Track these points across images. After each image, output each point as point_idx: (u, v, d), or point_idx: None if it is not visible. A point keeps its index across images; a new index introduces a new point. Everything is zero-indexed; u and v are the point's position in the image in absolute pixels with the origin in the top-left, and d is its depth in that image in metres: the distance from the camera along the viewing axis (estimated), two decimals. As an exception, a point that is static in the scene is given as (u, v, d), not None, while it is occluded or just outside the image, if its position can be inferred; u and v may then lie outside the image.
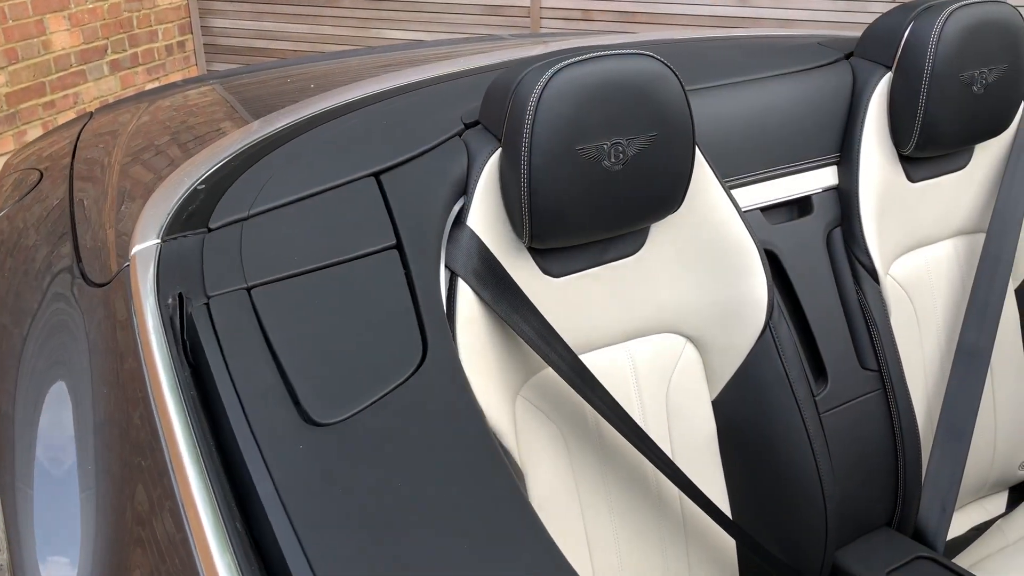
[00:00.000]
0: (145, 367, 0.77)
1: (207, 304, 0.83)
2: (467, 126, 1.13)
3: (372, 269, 0.87)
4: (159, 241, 0.96)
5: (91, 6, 4.51)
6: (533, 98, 0.99)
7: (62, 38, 4.37)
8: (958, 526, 1.53)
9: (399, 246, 0.92)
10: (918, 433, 1.34)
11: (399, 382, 0.72)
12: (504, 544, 0.59)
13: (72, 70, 4.48)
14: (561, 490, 1.13)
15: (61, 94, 4.44)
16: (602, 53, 1.02)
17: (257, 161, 1.11)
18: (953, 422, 1.39)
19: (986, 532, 1.54)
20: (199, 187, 1.07)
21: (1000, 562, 1.47)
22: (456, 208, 1.04)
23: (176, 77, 5.30)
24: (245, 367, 0.75)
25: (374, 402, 0.70)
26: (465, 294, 1.01)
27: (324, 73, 1.65)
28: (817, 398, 1.28)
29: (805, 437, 1.20)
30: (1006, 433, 1.53)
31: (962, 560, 1.48)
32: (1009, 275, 1.43)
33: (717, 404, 1.23)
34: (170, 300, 0.85)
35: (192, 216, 1.00)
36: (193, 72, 5.36)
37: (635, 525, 1.19)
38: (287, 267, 0.88)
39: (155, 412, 0.72)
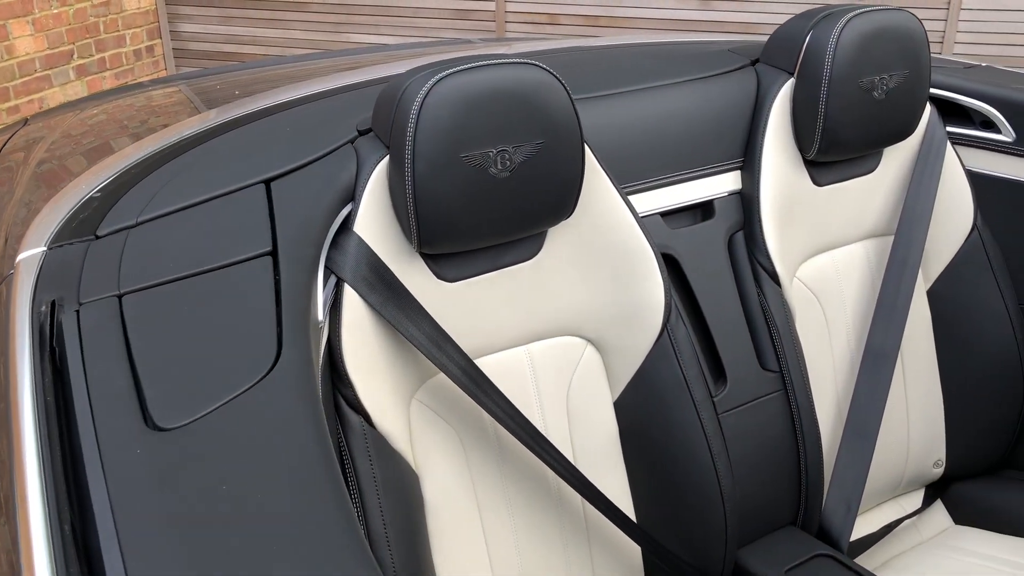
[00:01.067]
0: (8, 372, 0.79)
1: (77, 311, 0.85)
2: (360, 133, 1.15)
3: (242, 276, 0.89)
4: (45, 249, 0.98)
5: (56, 11, 4.52)
6: (415, 106, 1.01)
7: (26, 43, 4.38)
8: (873, 523, 1.55)
9: (274, 252, 0.94)
10: (819, 433, 1.37)
11: (245, 388, 0.74)
12: (318, 553, 0.60)
13: (37, 75, 4.48)
14: (458, 493, 1.15)
15: (26, 99, 4.44)
16: (487, 62, 1.04)
17: (156, 170, 1.13)
18: (859, 422, 1.42)
19: (900, 529, 1.57)
20: (95, 195, 1.09)
21: (913, 558, 1.50)
22: (343, 214, 1.06)
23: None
24: (101, 373, 0.76)
25: (217, 408, 0.72)
26: (351, 299, 1.03)
27: (281, 76, 1.66)
28: (716, 399, 1.30)
29: (703, 437, 1.22)
30: (919, 432, 1.55)
31: (873, 556, 1.51)
32: (915, 278, 1.45)
33: (618, 406, 1.25)
34: (43, 307, 0.87)
35: (82, 224, 1.02)
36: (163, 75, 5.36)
37: (536, 527, 1.21)
38: (161, 274, 0.90)
39: (10, 416, 0.74)
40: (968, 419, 1.57)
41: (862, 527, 1.53)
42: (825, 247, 1.46)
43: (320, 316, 0.95)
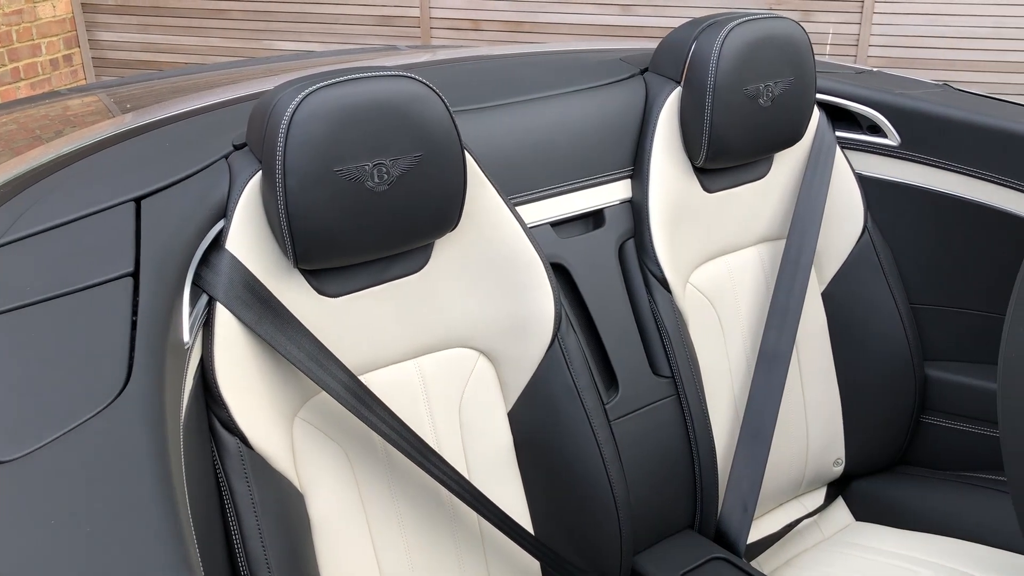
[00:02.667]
0: None
1: None
2: (236, 148, 1.13)
3: (99, 299, 0.87)
4: None
5: (-37, 20, 4.38)
6: (285, 119, 0.99)
7: (-69, 54, 4.24)
8: (775, 523, 1.57)
9: (136, 273, 0.91)
10: (712, 437, 1.38)
11: (87, 416, 0.72)
12: None
13: (-56, 86, 4.34)
14: (346, 511, 1.13)
15: (-67, 111, 4.29)
16: (360, 75, 1.03)
17: (28, 188, 1.09)
18: (755, 424, 1.44)
19: (802, 527, 1.59)
20: None
21: (814, 556, 1.52)
22: (214, 231, 1.04)
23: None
24: None
25: (57, 438, 0.70)
26: (224, 318, 1.01)
27: (201, 83, 1.63)
28: (608, 406, 1.31)
29: (595, 445, 1.22)
30: (818, 432, 1.58)
31: (775, 556, 1.53)
32: (807, 280, 1.48)
33: (512, 416, 1.25)
34: None
35: None
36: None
37: (430, 543, 1.20)
38: (17, 298, 0.87)
39: None
40: (865, 417, 1.60)
41: (764, 527, 1.55)
42: (718, 252, 1.48)
43: (186, 337, 0.93)
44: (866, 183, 1.58)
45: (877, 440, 1.62)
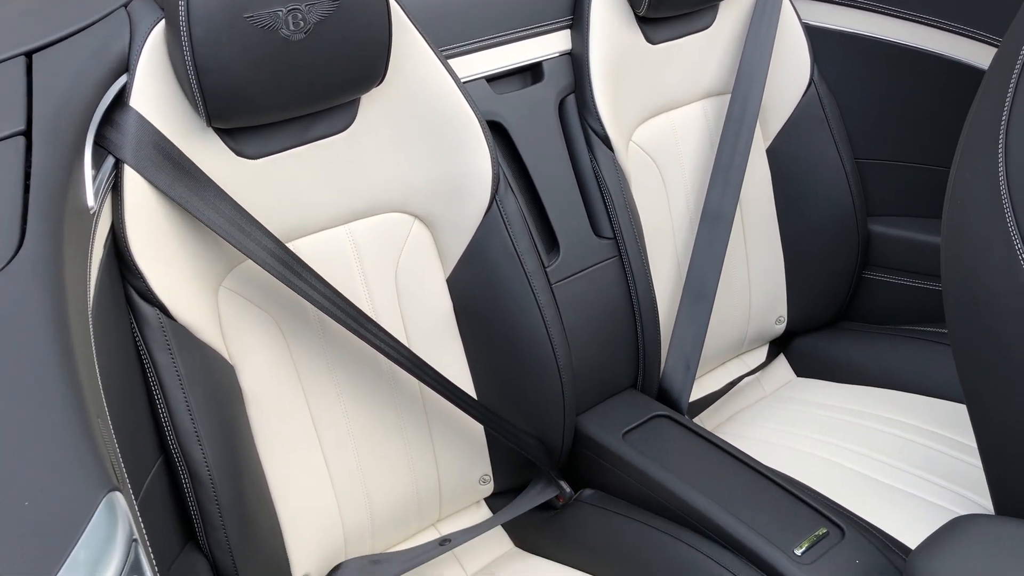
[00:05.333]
0: None
1: None
2: None
3: None
4: None
5: None
6: None
7: None
8: (717, 381, 1.58)
9: (28, 132, 0.83)
10: (655, 297, 1.36)
11: None
12: (33, 449, 0.55)
13: None
14: (281, 382, 1.10)
15: None
16: None
17: None
18: (697, 284, 1.42)
19: (744, 385, 1.61)
20: None
21: (756, 411, 1.54)
22: (116, 87, 0.95)
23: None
24: None
25: None
26: (134, 182, 0.94)
27: None
28: (549, 268, 1.27)
29: (536, 308, 1.19)
30: (760, 290, 1.57)
31: (717, 412, 1.55)
32: (752, 136, 1.44)
33: (451, 283, 1.21)
34: None
35: None
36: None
37: (370, 412, 1.17)
38: None
39: None
40: (808, 274, 1.59)
41: (706, 386, 1.56)
42: (661, 108, 1.42)
43: (91, 202, 0.86)
44: (813, 33, 1.52)
45: (819, 297, 1.62)
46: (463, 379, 1.23)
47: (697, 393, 1.51)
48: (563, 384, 1.22)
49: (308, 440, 1.12)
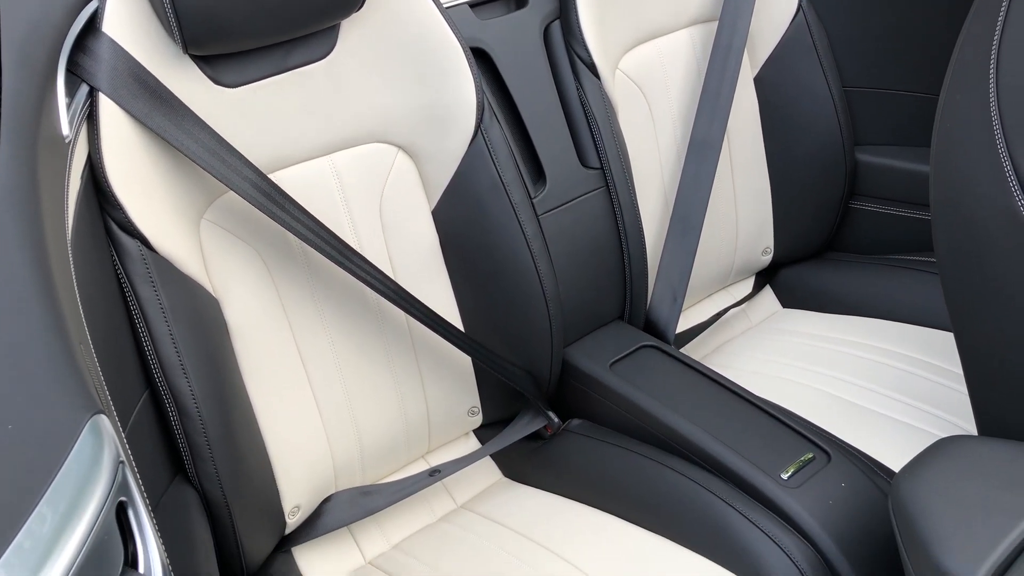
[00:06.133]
0: None
1: None
2: None
3: None
4: None
5: None
6: None
7: None
8: (704, 313, 1.58)
9: None
10: (642, 228, 1.35)
11: None
12: (19, 377, 0.54)
13: None
14: (266, 316, 1.09)
15: None
16: None
17: None
18: (684, 214, 1.41)
19: (730, 316, 1.61)
20: None
21: (742, 342, 1.55)
22: (87, 11, 0.92)
23: None
24: None
25: None
26: (110, 111, 0.92)
27: None
28: (536, 199, 1.26)
29: (523, 240, 1.18)
30: (748, 221, 1.57)
31: (703, 344, 1.55)
32: (740, 64, 1.42)
33: (436, 215, 1.20)
34: None
35: None
36: None
37: (357, 344, 1.16)
38: None
39: None
40: (795, 205, 1.59)
41: (693, 317, 1.56)
42: (648, 36, 1.40)
43: (66, 131, 0.84)
44: None
45: (806, 227, 1.62)
46: (450, 312, 1.23)
47: (683, 325, 1.51)
48: (550, 316, 1.22)
49: (295, 373, 1.12)
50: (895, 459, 1.17)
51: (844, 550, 1.03)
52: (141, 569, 0.52)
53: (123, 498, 0.52)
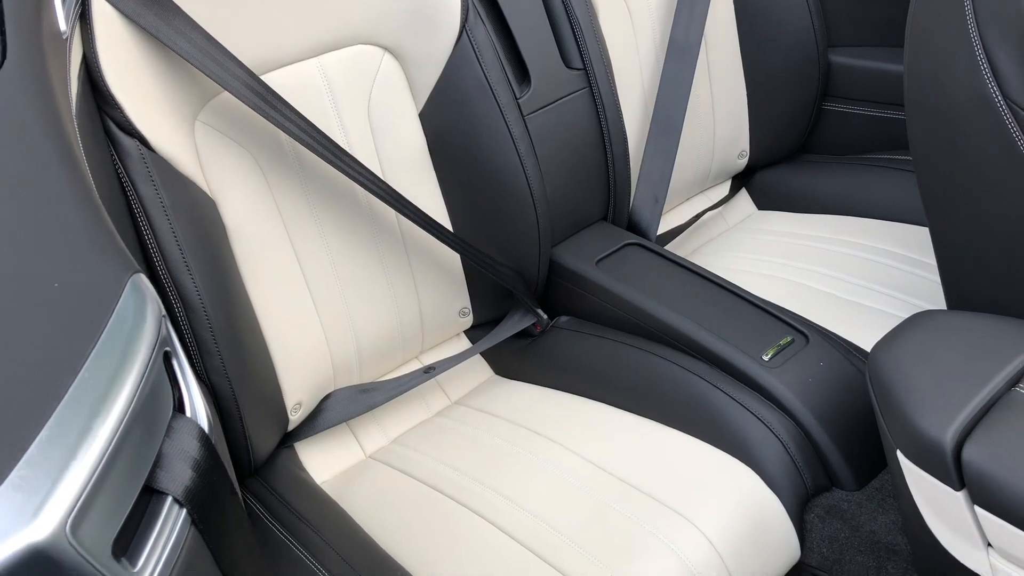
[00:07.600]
0: None
1: None
2: None
3: None
4: None
5: None
6: None
7: None
8: (682, 216, 1.62)
9: None
10: (625, 129, 1.38)
11: None
12: (57, 241, 0.56)
13: None
14: (261, 216, 1.11)
15: None
16: None
17: None
18: (664, 117, 1.44)
19: (707, 218, 1.65)
20: None
21: (719, 243, 1.59)
22: None
23: None
24: None
25: None
26: (102, 10, 0.92)
27: None
28: (521, 100, 1.28)
29: (510, 141, 1.21)
30: (724, 124, 1.60)
31: (681, 245, 1.59)
32: (717, -35, 1.43)
33: (424, 117, 1.21)
34: None
35: None
36: None
37: (350, 243, 1.19)
38: None
39: None
40: (770, 108, 1.62)
41: (671, 220, 1.60)
42: (627, -63, 1.40)
43: (63, 26, 0.84)
44: None
45: (780, 130, 1.65)
46: (439, 213, 1.25)
47: (663, 227, 1.55)
48: (538, 215, 1.25)
49: (292, 274, 1.14)
50: (870, 341, 1.23)
51: (823, 424, 1.09)
52: (188, 413, 0.56)
53: (167, 348, 0.55)
